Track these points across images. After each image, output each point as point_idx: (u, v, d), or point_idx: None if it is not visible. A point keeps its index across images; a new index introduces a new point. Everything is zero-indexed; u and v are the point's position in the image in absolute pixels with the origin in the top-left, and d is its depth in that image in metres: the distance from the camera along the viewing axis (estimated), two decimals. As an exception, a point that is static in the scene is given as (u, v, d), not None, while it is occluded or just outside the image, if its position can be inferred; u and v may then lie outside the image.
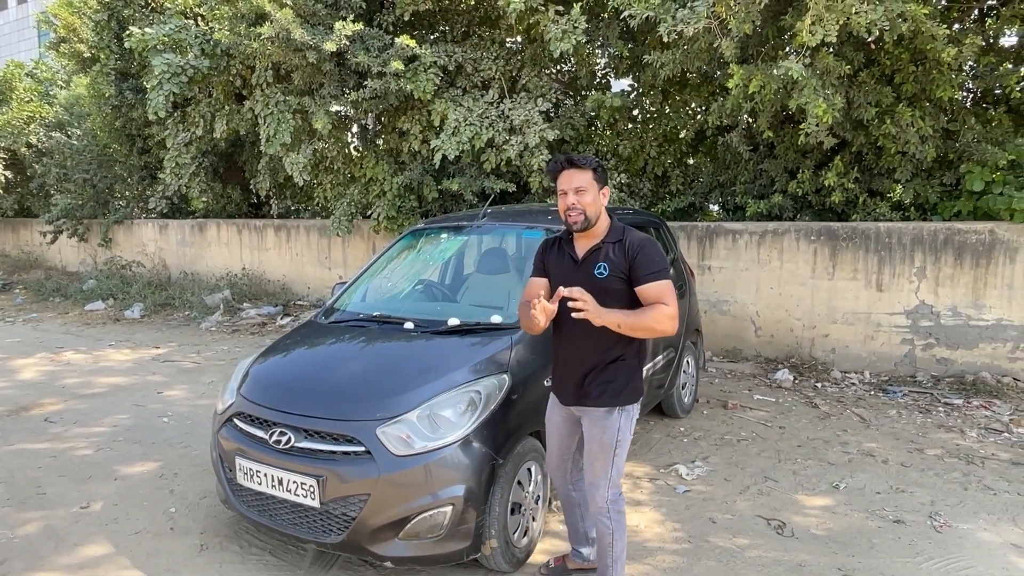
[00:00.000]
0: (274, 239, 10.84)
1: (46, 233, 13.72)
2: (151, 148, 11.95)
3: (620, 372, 2.64)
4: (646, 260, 2.55)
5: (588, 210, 2.58)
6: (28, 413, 5.47)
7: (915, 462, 4.36)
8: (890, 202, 6.53)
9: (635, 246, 2.58)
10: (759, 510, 3.72)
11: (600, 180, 2.62)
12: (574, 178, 2.57)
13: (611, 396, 2.63)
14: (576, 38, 6.19)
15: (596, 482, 2.68)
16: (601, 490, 2.67)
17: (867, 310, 6.27)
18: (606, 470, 2.66)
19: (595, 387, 2.64)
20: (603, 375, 2.64)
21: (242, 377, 3.47)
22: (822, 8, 4.74)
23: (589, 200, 2.57)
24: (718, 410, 5.44)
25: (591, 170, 2.59)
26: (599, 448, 2.66)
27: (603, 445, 2.65)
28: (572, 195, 2.57)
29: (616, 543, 2.71)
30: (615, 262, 2.58)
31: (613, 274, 2.57)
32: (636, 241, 2.60)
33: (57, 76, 16.18)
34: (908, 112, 5.97)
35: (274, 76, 8.00)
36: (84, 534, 3.50)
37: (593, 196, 2.58)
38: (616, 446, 2.64)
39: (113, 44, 10.46)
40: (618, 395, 2.63)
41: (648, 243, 2.61)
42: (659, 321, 2.49)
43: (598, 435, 2.66)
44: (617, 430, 2.64)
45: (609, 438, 2.64)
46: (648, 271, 2.54)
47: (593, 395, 2.65)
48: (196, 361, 7.23)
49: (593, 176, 2.59)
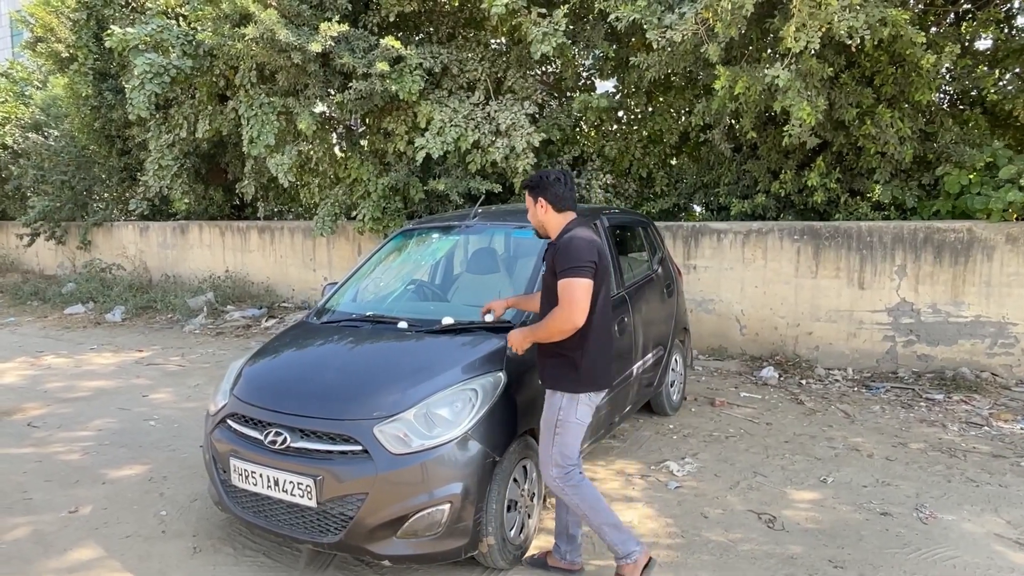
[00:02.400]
0: (258, 241, 10.75)
1: (23, 236, 13.49)
2: (131, 149, 11.79)
3: (558, 361, 2.88)
4: (561, 258, 2.78)
5: (531, 222, 3.07)
6: (10, 418, 5.38)
7: (899, 456, 4.45)
8: (871, 202, 6.65)
9: (558, 245, 2.85)
10: (750, 505, 3.78)
11: (533, 195, 2.98)
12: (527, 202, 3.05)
13: (551, 380, 2.91)
14: (557, 40, 6.23)
15: (544, 459, 2.91)
16: (547, 468, 2.88)
17: (850, 308, 6.38)
18: (547, 449, 2.88)
19: (546, 371, 2.95)
20: (547, 360, 2.93)
21: (235, 378, 3.45)
22: (806, 15, 4.83)
23: (529, 215, 3.05)
24: (706, 407, 5.50)
25: (526, 190, 3.03)
26: (544, 426, 2.91)
27: (547, 423, 2.90)
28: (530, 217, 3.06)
29: (589, 514, 2.86)
30: (550, 260, 2.88)
31: (549, 270, 2.89)
32: (561, 241, 2.85)
33: (33, 76, 15.90)
34: (887, 113, 6.09)
35: (258, 77, 7.94)
36: (73, 539, 3.46)
37: (530, 212, 3.02)
38: (556, 425, 2.85)
39: (92, 44, 10.31)
40: (557, 380, 2.88)
41: (568, 241, 2.82)
42: (556, 324, 2.76)
43: (545, 415, 2.93)
44: (558, 409, 2.86)
45: (551, 416, 2.88)
46: (560, 268, 2.77)
47: (544, 377, 2.97)
48: (181, 364, 7.15)
49: (528, 195, 3.01)
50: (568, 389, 2.86)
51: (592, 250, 2.79)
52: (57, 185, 12.70)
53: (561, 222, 2.97)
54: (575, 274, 2.73)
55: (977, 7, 6.45)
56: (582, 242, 2.79)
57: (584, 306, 2.73)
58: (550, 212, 2.96)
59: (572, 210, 3.00)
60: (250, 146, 7.90)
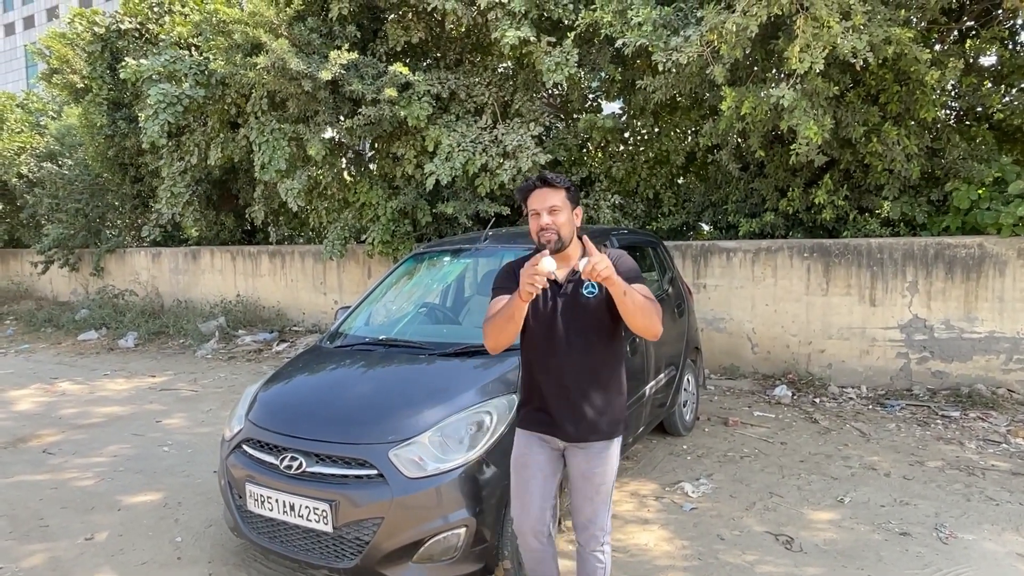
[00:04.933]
0: (268, 265, 10.84)
1: (37, 263, 13.65)
2: (143, 177, 11.96)
3: (613, 396, 2.50)
4: (624, 268, 2.43)
5: (562, 230, 2.43)
6: (26, 444, 5.41)
7: (917, 474, 4.41)
8: (880, 218, 6.65)
9: (614, 257, 2.45)
10: (766, 525, 3.74)
11: (573, 200, 2.50)
12: (547, 198, 2.43)
13: (612, 424, 2.48)
14: (569, 70, 6.32)
15: (595, 520, 2.50)
16: (604, 528, 2.52)
17: (861, 325, 6.36)
18: (604, 513, 2.52)
19: (599, 417, 2.47)
20: (603, 400, 2.47)
21: (250, 403, 3.48)
22: (810, 36, 4.88)
23: (563, 220, 2.43)
24: (719, 427, 5.47)
25: (564, 189, 2.46)
26: (601, 483, 2.48)
27: (606, 480, 2.49)
28: (546, 215, 2.42)
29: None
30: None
31: (601, 292, 2.44)
32: (614, 253, 2.49)
33: (48, 106, 16.21)
34: (894, 131, 6.11)
35: (269, 104, 8.08)
36: (90, 566, 3.46)
37: (567, 216, 2.45)
38: (612, 478, 2.53)
39: (106, 75, 10.53)
40: (618, 423, 2.51)
41: (625, 254, 2.56)
42: (655, 316, 2.36)
43: (599, 469, 2.47)
44: (616, 459, 2.53)
45: (612, 471, 2.51)
46: (634, 276, 2.45)
47: (597, 427, 2.47)
48: (193, 389, 7.19)
49: (566, 196, 2.47)
50: (622, 431, 2.55)
51: None
52: (71, 213, 12.88)
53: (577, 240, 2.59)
54: (645, 284, 2.48)
55: (981, 24, 6.49)
56: (627, 255, 2.59)
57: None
58: (576, 220, 2.53)
59: None
60: (261, 172, 8.01)
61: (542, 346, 2.49)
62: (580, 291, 2.46)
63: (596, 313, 2.45)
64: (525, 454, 2.57)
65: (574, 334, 2.45)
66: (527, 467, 2.56)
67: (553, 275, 2.25)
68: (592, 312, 2.45)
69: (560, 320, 2.47)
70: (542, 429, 2.53)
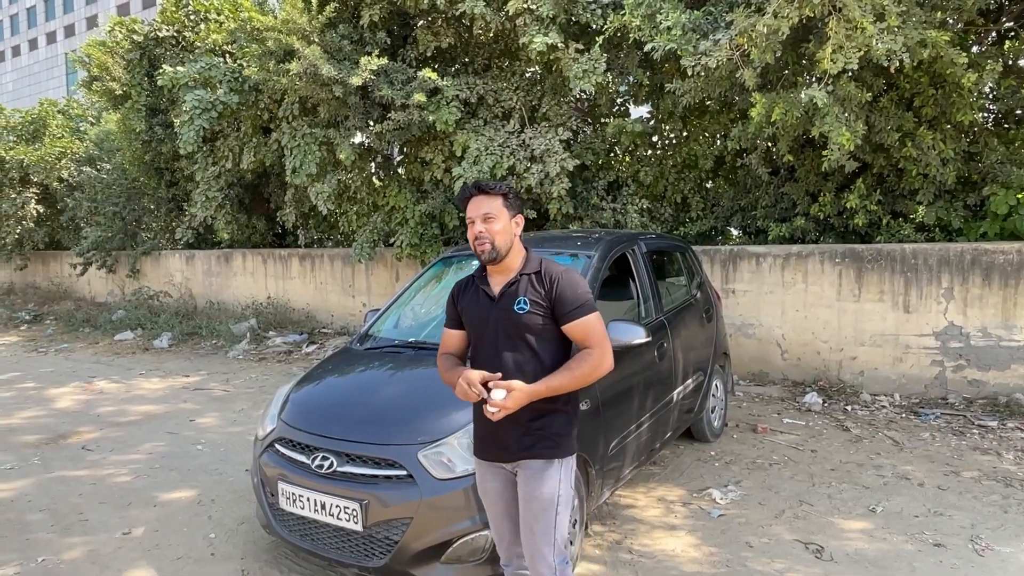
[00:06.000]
0: (299, 268, 11.01)
1: (76, 265, 14.03)
2: (178, 181, 12.26)
3: (550, 413, 2.35)
4: (568, 294, 2.30)
5: (497, 239, 2.31)
6: (66, 441, 5.58)
7: (952, 485, 4.32)
8: (914, 223, 6.54)
9: (553, 277, 2.33)
10: (796, 534, 3.70)
11: (512, 207, 2.36)
12: (482, 205, 2.32)
13: (550, 446, 2.35)
14: (597, 78, 6.32)
15: (539, 549, 2.34)
16: (547, 558, 2.34)
17: (895, 332, 6.25)
18: (548, 533, 2.33)
19: (530, 436, 2.34)
20: (539, 422, 2.34)
21: (282, 403, 3.55)
22: (842, 37, 4.83)
23: (498, 228, 2.31)
24: (748, 434, 5.42)
25: (501, 196, 2.34)
26: (539, 507, 2.34)
27: (543, 504, 2.34)
28: (480, 223, 2.31)
29: None
30: (535, 294, 2.33)
31: (534, 310, 2.31)
32: (555, 272, 2.34)
33: (87, 113, 16.70)
34: (929, 135, 6.01)
35: (300, 109, 8.23)
36: (127, 560, 3.56)
37: (503, 224, 2.32)
38: (558, 503, 2.35)
39: (144, 81, 10.82)
40: (556, 445, 2.36)
41: (567, 273, 2.35)
42: (594, 371, 2.29)
43: (536, 493, 2.34)
44: (559, 483, 2.35)
45: (552, 497, 2.34)
46: (571, 307, 2.29)
47: (529, 445, 2.35)
48: (226, 389, 7.33)
49: (503, 203, 2.34)
50: (567, 452, 2.38)
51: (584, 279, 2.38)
52: (109, 216, 13.23)
53: (522, 249, 2.43)
54: (591, 308, 2.32)
55: (1020, 25, 6.35)
56: (573, 273, 2.39)
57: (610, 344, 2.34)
58: (518, 229, 2.41)
59: None
60: (292, 176, 8.15)
61: (481, 361, 2.39)
62: (513, 306, 2.34)
63: (530, 328, 2.32)
64: (483, 483, 2.50)
65: (507, 349, 2.33)
66: (487, 496, 2.50)
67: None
68: (525, 327, 2.32)
69: (495, 334, 2.36)
70: (487, 455, 2.45)
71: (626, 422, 3.73)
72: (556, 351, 2.36)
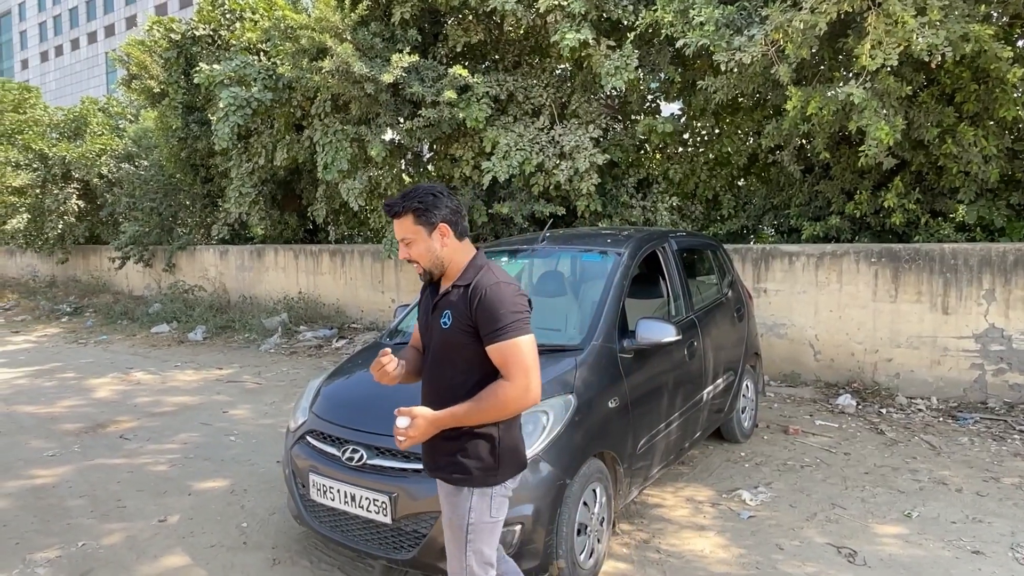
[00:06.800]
0: (329, 264, 11.14)
1: (114, 259, 14.40)
2: (213, 177, 12.49)
3: (473, 447, 2.14)
4: (489, 314, 2.04)
5: (423, 262, 2.16)
6: (105, 430, 5.73)
7: (991, 491, 4.20)
8: (954, 223, 6.36)
9: (477, 292, 2.08)
10: (828, 537, 3.64)
11: (428, 220, 2.12)
12: (398, 229, 2.16)
13: (460, 472, 2.16)
14: (628, 74, 6.27)
15: (453, 569, 2.23)
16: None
17: (932, 334, 6.09)
18: (460, 556, 2.19)
19: (443, 457, 2.19)
20: (452, 445, 2.16)
21: (313, 396, 3.60)
22: (882, 32, 4.72)
23: (419, 251, 2.15)
24: (779, 435, 5.34)
25: (410, 215, 2.12)
26: (450, 530, 2.22)
27: (452, 527, 2.21)
28: (403, 248, 2.18)
29: None
30: (460, 311, 2.11)
31: (457, 325, 2.11)
32: (480, 287, 2.08)
33: (126, 110, 17.12)
34: (970, 132, 5.84)
35: (332, 107, 8.33)
36: (163, 546, 3.65)
37: (424, 244, 2.14)
38: (468, 530, 2.16)
39: (181, 80, 11.05)
40: (467, 472, 2.14)
41: (492, 289, 2.07)
42: (505, 406, 2.05)
43: (448, 514, 2.23)
44: (468, 511, 2.16)
45: (459, 519, 2.18)
46: (492, 328, 2.04)
47: (441, 467, 2.20)
48: (258, 382, 7.46)
49: (415, 220, 2.12)
50: (483, 483, 2.14)
51: (521, 296, 2.11)
52: (146, 211, 13.55)
53: (467, 256, 2.20)
54: (520, 331, 2.04)
55: (1068, 18, 6.14)
56: (512, 288, 2.09)
57: (538, 372, 2.06)
58: (452, 242, 2.16)
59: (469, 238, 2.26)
60: (324, 172, 8.26)
61: (425, 372, 2.29)
62: (440, 320, 2.18)
63: (452, 344, 2.14)
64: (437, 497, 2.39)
65: (442, 363, 2.19)
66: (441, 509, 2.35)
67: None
68: (450, 345, 2.15)
69: (432, 346, 2.23)
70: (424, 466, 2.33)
71: (655, 421, 3.71)
72: (488, 373, 2.11)
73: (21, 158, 15.31)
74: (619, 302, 3.70)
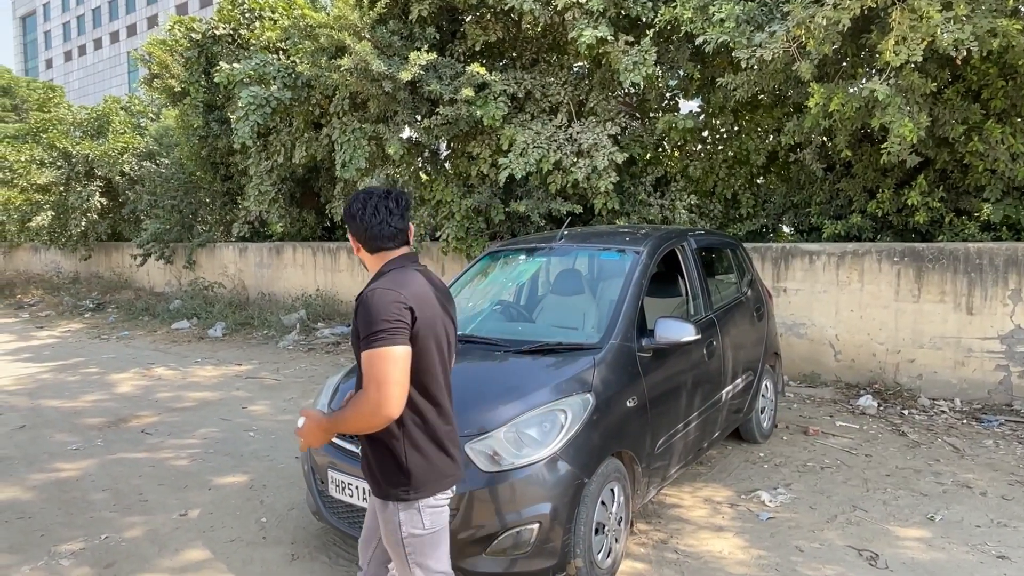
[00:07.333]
0: (347, 261, 11.20)
1: (136, 256, 14.59)
2: (233, 175, 12.61)
3: (382, 451, 2.06)
4: (362, 321, 1.96)
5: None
6: (127, 425, 5.81)
7: (1017, 495, 4.13)
8: (979, 222, 6.25)
9: (358, 300, 2.02)
10: (849, 540, 3.59)
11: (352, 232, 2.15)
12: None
13: (377, 484, 2.10)
14: (647, 70, 6.23)
15: None
16: None
17: (956, 334, 6.00)
18: (404, 571, 2.14)
19: (366, 469, 2.12)
20: (371, 456, 2.09)
21: (332, 393, 3.62)
22: (906, 28, 4.65)
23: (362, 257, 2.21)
24: (798, 436, 5.28)
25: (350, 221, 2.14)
26: (388, 547, 2.15)
27: (389, 543, 2.13)
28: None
29: None
30: (354, 318, 2.05)
31: (353, 333, 2.06)
32: (362, 294, 2.02)
33: (148, 109, 17.33)
34: (997, 129, 5.74)
35: (350, 105, 8.37)
36: (184, 540, 3.69)
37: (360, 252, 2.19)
38: (404, 545, 2.08)
39: (201, 78, 11.16)
40: (380, 484, 2.08)
41: (369, 296, 1.99)
42: (360, 416, 1.94)
43: (382, 529, 2.14)
44: (398, 525, 2.07)
45: (392, 535, 2.09)
46: (363, 335, 1.95)
47: (366, 478, 2.14)
48: (276, 378, 7.52)
49: (351, 231, 2.16)
50: (395, 497, 2.06)
51: (398, 304, 1.96)
52: (167, 209, 13.71)
53: (375, 266, 2.15)
54: (379, 342, 1.91)
55: (1100, 13, 6.00)
56: (384, 296, 1.97)
57: (397, 388, 1.91)
58: (362, 252, 2.17)
59: (395, 247, 2.15)
60: (342, 170, 8.30)
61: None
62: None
63: (358, 356, 2.05)
64: None
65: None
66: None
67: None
68: (356, 351, 2.06)
69: None
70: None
71: (673, 420, 3.69)
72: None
73: (46, 156, 15.56)
74: (638, 301, 3.68)
